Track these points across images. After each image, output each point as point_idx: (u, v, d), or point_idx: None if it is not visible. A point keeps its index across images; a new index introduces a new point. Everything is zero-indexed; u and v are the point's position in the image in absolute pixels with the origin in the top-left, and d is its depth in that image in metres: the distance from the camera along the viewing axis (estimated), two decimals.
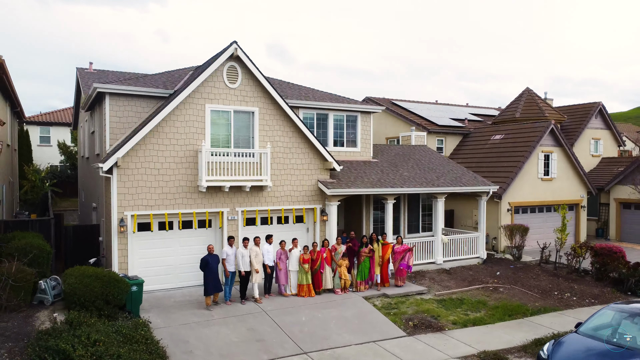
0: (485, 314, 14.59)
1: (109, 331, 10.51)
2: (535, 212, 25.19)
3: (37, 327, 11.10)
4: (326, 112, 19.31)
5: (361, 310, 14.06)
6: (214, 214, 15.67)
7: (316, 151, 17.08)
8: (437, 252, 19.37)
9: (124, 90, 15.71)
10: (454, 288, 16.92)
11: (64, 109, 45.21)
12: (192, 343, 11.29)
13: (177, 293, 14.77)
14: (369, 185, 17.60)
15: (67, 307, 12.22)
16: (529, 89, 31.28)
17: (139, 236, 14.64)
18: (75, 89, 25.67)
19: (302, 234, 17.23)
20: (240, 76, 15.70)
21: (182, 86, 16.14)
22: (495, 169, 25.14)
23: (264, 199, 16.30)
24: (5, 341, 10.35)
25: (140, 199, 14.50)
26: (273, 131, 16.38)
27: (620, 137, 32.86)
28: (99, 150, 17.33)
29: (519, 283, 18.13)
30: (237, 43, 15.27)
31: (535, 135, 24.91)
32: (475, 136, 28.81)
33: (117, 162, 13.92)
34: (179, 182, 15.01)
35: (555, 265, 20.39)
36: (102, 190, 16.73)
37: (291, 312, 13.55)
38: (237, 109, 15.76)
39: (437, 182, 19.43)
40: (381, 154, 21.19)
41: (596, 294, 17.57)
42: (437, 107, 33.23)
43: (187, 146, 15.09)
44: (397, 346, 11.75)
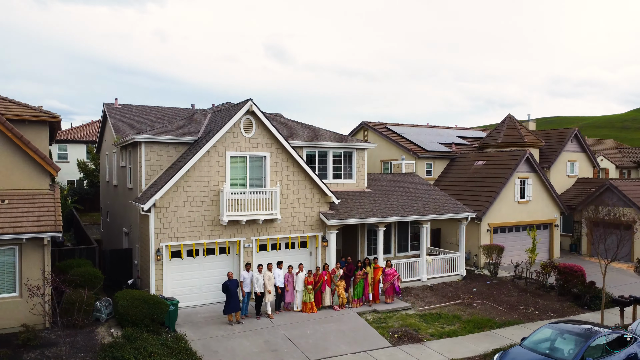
0: (458, 327, 17.60)
1: (158, 344, 13.52)
2: (513, 232, 28.22)
3: (99, 341, 14.10)
4: (326, 150, 22.33)
5: (355, 324, 17.08)
6: (233, 242, 18.69)
7: (318, 187, 20.09)
8: (422, 271, 22.39)
9: (156, 139, 18.71)
10: (434, 304, 19.94)
11: (80, 126, 48.30)
12: (221, 353, 14.28)
13: (202, 310, 17.77)
14: (363, 215, 20.63)
15: (119, 324, 15.22)
16: (511, 116, 34.33)
17: (172, 262, 17.65)
18: (101, 120, 28.66)
19: (306, 258, 20.25)
20: (254, 127, 18.71)
21: (204, 134, 19.17)
22: (477, 192, 28.16)
23: (274, 229, 19.32)
24: (77, 352, 13.35)
25: (173, 232, 17.51)
26: (281, 171, 19.40)
27: (594, 158, 35.90)
28: (132, 185, 20.32)
29: (491, 298, 21.16)
30: (252, 100, 18.29)
31: (513, 163, 27.95)
32: (460, 161, 31.83)
33: (155, 203, 16.93)
34: (204, 217, 18.02)
35: (526, 281, 23.43)
36: (136, 220, 19.73)
37: (298, 326, 16.56)
38: (251, 154, 18.79)
39: (422, 210, 22.45)
40: (374, 184, 24.20)
41: (557, 308, 20.62)
42: (428, 131, 36.25)
43: (211, 186, 18.10)
44: (383, 355, 14.75)
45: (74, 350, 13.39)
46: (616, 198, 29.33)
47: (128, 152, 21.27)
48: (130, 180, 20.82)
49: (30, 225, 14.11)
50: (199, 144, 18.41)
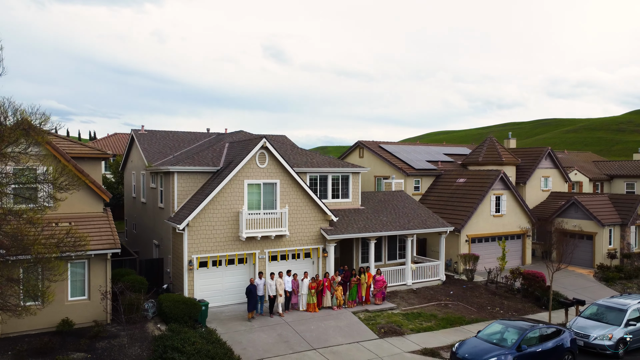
0: (434, 323, 21.61)
1: (196, 336, 17.50)
2: (489, 242, 32.22)
3: (150, 333, 18.09)
4: (326, 174, 26.35)
5: (350, 321, 21.08)
6: (250, 254, 22.68)
7: (319, 208, 24.09)
8: (408, 277, 26.41)
9: (186, 169, 22.71)
10: (416, 305, 23.97)
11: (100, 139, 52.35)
12: (245, 343, 18.26)
13: (225, 309, 21.75)
14: (357, 231, 24.66)
15: (163, 321, 19.21)
16: (491, 137, 38.39)
17: (200, 271, 21.64)
18: (128, 143, 32.63)
19: (310, 266, 24.25)
20: (267, 159, 22.72)
21: (225, 164, 23.18)
22: (458, 206, 32.19)
23: (283, 242, 23.31)
24: (135, 342, 17.33)
25: (201, 246, 21.50)
26: (289, 195, 23.40)
27: (566, 174, 39.97)
28: (164, 205, 24.30)
29: (464, 300, 25.19)
30: (266, 138, 22.32)
31: (489, 181, 31.99)
32: (444, 178, 35.86)
33: (188, 223, 20.92)
34: (226, 234, 22.01)
35: (496, 285, 27.46)
36: (168, 235, 23.72)
37: (304, 323, 20.55)
38: (265, 181, 22.79)
39: (407, 225, 26.48)
40: (368, 202, 28.20)
41: (519, 308, 24.67)
42: (417, 149, 40.29)
43: (232, 208, 22.09)
44: (371, 345, 18.75)
45: (132, 341, 17.38)
46: (580, 212, 33.40)
47: (159, 177, 25.25)
48: (162, 201, 24.80)
49: (95, 243, 18.09)
50: (221, 174, 22.41)
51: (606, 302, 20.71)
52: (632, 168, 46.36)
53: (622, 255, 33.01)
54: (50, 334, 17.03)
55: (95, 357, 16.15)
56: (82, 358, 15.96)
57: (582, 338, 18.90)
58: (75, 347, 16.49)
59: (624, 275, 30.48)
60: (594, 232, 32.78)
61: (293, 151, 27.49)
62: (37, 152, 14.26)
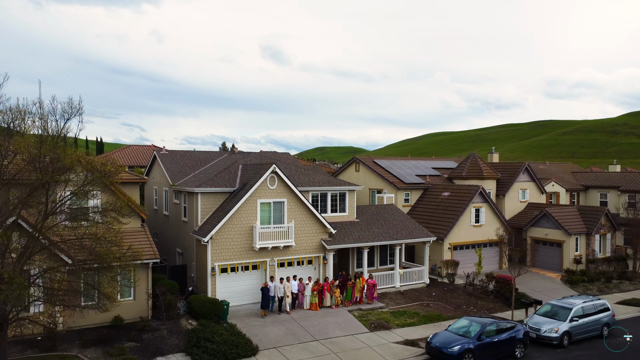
0: (416, 320, 25.84)
1: (221, 329, 21.70)
2: (469, 249, 36.47)
3: (184, 328, 22.31)
4: (326, 192, 30.60)
5: (346, 318, 25.32)
6: (262, 261, 26.91)
7: (320, 222, 28.32)
8: (396, 280, 30.65)
9: (208, 190, 26.93)
10: (402, 304, 28.23)
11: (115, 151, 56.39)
12: (260, 335, 22.47)
13: (242, 308, 25.97)
14: (352, 241, 28.92)
15: (192, 317, 23.42)
16: (474, 154, 42.68)
17: (221, 276, 25.87)
18: (150, 162, 36.81)
19: (312, 271, 28.49)
20: (276, 182, 26.96)
21: (241, 186, 27.40)
22: (442, 217, 36.43)
23: (290, 251, 27.55)
24: (172, 334, 21.55)
25: (222, 255, 25.72)
26: (295, 211, 27.63)
27: (542, 186, 44.27)
28: (188, 220, 28.50)
29: (444, 300, 29.45)
30: (276, 164, 26.55)
31: (469, 195, 36.25)
32: (431, 191, 40.12)
33: (212, 236, 25.15)
34: (242, 245, 26.24)
35: (473, 288, 31.72)
36: (191, 246, 27.93)
37: (307, 319, 24.78)
38: (274, 200, 27.03)
39: (396, 236, 30.75)
40: (362, 214, 32.42)
41: (490, 307, 28.92)
42: (407, 164, 44.54)
43: (247, 223, 26.31)
44: (363, 337, 22.99)
45: (170, 333, 21.62)
46: (551, 222, 37.70)
47: (182, 195, 29.45)
48: (185, 215, 29.02)
49: (142, 254, 22.28)
50: (238, 194, 26.65)
51: (557, 302, 25.00)
52: (605, 179, 50.67)
53: (587, 260, 37.31)
54: (106, 328, 21.24)
55: (143, 346, 20.39)
56: (134, 346, 20.19)
57: (535, 331, 23.17)
58: (127, 338, 20.74)
59: (587, 279, 34.75)
60: (562, 240, 37.07)
61: (297, 171, 31.70)
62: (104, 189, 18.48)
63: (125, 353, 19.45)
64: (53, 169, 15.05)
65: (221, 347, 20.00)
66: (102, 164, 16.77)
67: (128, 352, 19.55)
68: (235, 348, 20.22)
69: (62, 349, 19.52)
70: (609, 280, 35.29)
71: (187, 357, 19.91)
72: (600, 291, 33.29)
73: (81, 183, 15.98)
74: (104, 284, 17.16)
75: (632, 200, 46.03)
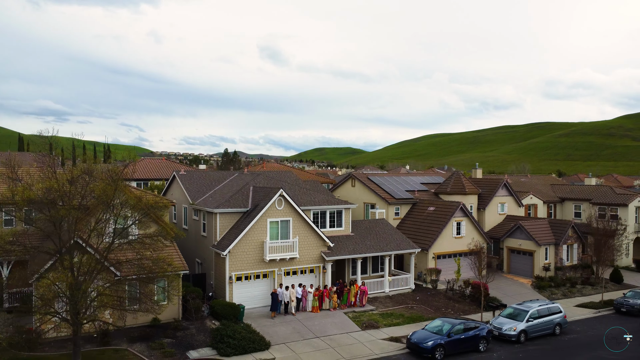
0: (401, 320, 30.71)
1: (239, 328, 26.54)
2: (451, 258, 41.33)
3: (208, 327, 27.16)
4: (325, 210, 35.47)
5: (342, 319, 30.19)
6: (271, 271, 31.77)
7: (320, 237, 33.19)
8: (385, 286, 35.53)
9: (225, 211, 31.78)
10: (390, 307, 33.10)
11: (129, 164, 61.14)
12: (271, 333, 27.31)
13: (254, 310, 30.80)
14: (347, 253, 33.81)
15: (215, 318, 28.26)
16: (457, 172, 47.62)
17: (237, 283, 30.73)
18: (170, 181, 41.62)
19: (313, 279, 33.35)
20: (283, 203, 31.84)
21: (253, 206, 32.24)
22: (428, 230, 41.29)
23: (295, 262, 32.40)
24: (200, 332, 26.40)
25: (237, 266, 30.58)
26: (299, 228, 32.49)
27: (519, 200, 49.18)
28: (207, 235, 33.33)
29: (426, 304, 34.33)
30: (283, 189, 31.41)
31: (451, 210, 41.13)
32: (419, 205, 45.00)
33: (229, 250, 30.02)
34: (254, 257, 31.09)
35: (453, 292, 36.59)
36: (210, 257, 32.77)
37: (310, 320, 29.64)
38: (281, 219, 31.91)
39: (385, 247, 35.64)
40: (356, 229, 37.27)
41: (465, 309, 33.80)
42: (398, 180, 49.42)
43: (258, 239, 31.17)
44: (356, 334, 27.86)
45: (198, 332, 26.48)
46: (524, 233, 42.61)
47: (202, 213, 34.29)
48: (204, 231, 33.87)
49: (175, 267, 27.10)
50: (250, 214, 31.52)
51: (518, 305, 29.91)
52: (579, 192, 55.60)
53: (555, 268, 42.24)
54: (146, 327, 26.05)
55: (177, 341, 25.26)
56: (170, 342, 25.05)
57: (497, 330, 28.07)
58: (164, 335, 25.58)
59: (553, 284, 39.66)
60: (534, 250, 41.99)
61: (300, 191, 36.55)
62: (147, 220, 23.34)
63: (164, 347, 24.31)
64: (121, 206, 19.93)
65: (241, 343, 24.86)
66: (155, 202, 21.62)
67: (166, 346, 24.41)
68: (252, 343, 25.09)
69: (114, 344, 24.37)
70: (573, 285, 40.22)
71: (213, 350, 24.76)
72: (564, 295, 38.21)
73: (139, 216, 20.85)
74: (154, 293, 21.97)
75: (602, 212, 50.98)
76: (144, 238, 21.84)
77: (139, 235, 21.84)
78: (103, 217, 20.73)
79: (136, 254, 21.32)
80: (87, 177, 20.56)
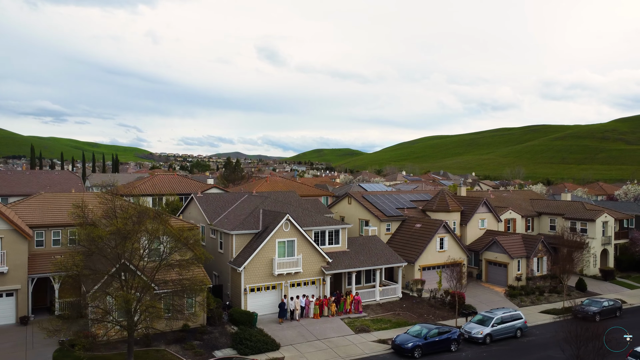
0: (389, 325, 36.46)
1: (254, 332, 32.27)
2: (435, 269, 47.11)
3: (228, 331, 32.90)
4: (324, 229, 41.24)
5: (339, 324, 35.95)
6: (278, 283, 37.52)
7: (320, 254, 38.95)
8: (376, 295, 41.30)
9: (240, 232, 37.53)
10: (380, 313, 38.86)
11: (145, 180, 66.71)
12: (279, 336, 33.04)
13: (265, 317, 36.51)
14: (344, 267, 39.59)
15: (233, 324, 33.97)
16: (443, 191, 53.39)
17: (250, 294, 36.47)
18: (188, 201, 47.33)
19: (315, 290, 39.11)
20: (289, 226, 37.60)
21: (263, 228, 37.98)
22: (415, 245, 47.04)
23: (299, 276, 38.15)
24: (221, 336, 32.15)
25: (251, 279, 36.31)
26: (302, 247, 38.24)
27: (498, 216, 54.99)
28: (224, 252, 39.06)
29: (411, 311, 40.08)
30: (289, 215, 37.15)
31: (435, 228, 46.90)
32: (407, 222, 50.76)
33: (245, 266, 35.77)
34: (265, 272, 36.83)
35: (435, 301, 42.34)
36: (227, 271, 38.49)
37: (312, 325, 35.38)
38: (288, 239, 37.66)
39: (377, 262, 41.42)
40: (352, 245, 43.00)
41: (445, 315, 39.56)
42: (390, 197, 55.20)
43: (268, 256, 36.90)
44: (350, 337, 33.62)
45: (220, 335, 32.21)
46: (499, 247, 48.41)
47: (219, 233, 40.02)
48: (221, 248, 39.60)
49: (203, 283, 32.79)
50: (261, 235, 37.28)
51: (486, 312, 35.68)
52: (554, 207, 61.42)
53: (526, 278, 48.03)
54: (179, 332, 31.73)
55: (204, 343, 30.99)
56: (198, 344, 30.78)
57: (467, 333, 33.83)
58: (193, 338, 31.31)
59: (524, 293, 45.43)
60: (507, 262, 47.81)
61: (303, 213, 42.28)
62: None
63: (194, 348, 30.05)
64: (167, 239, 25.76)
65: (256, 344, 30.59)
66: (194, 235, 27.43)
67: (196, 347, 30.15)
68: (265, 345, 30.83)
69: (154, 345, 30.09)
70: (541, 293, 46.00)
71: (234, 350, 30.50)
72: (532, 302, 43.99)
73: (180, 246, 26.67)
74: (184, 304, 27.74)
75: (574, 226, 56.83)
76: (182, 261, 27.59)
77: (179, 260, 27.56)
78: (151, 246, 26.47)
79: (178, 275, 27.04)
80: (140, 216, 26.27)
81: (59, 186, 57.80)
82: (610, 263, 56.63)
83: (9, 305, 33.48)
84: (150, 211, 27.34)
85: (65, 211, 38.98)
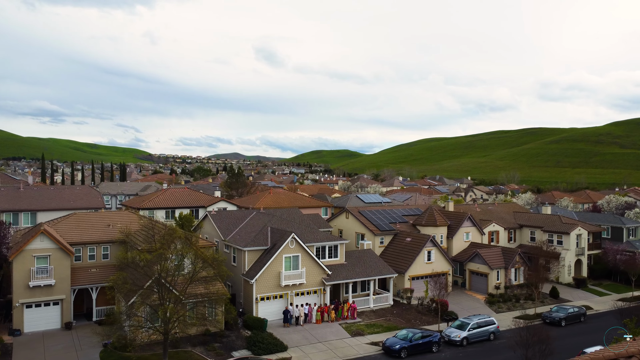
0: (381, 329, 42.15)
1: (265, 335, 37.94)
2: (423, 279, 52.78)
3: (243, 335, 38.59)
4: (325, 244, 46.93)
5: (337, 329, 41.64)
6: (285, 293, 43.20)
7: (321, 267, 44.63)
8: (370, 302, 47.01)
9: (251, 249, 43.21)
10: (373, 319, 44.57)
11: (159, 194, 72.33)
12: (287, 339, 38.71)
13: (273, 322, 42.16)
14: (342, 278, 45.30)
15: (247, 329, 39.62)
16: (432, 207, 59.13)
17: (261, 302, 42.15)
18: (202, 218, 52.97)
19: (316, 299, 44.80)
20: (294, 243, 43.30)
21: (272, 245, 43.67)
22: (405, 257, 52.73)
23: (303, 286, 43.82)
24: (237, 339, 37.83)
25: (261, 290, 41.97)
26: (305, 261, 43.92)
27: (481, 229, 60.73)
28: (237, 265, 44.72)
29: (401, 316, 45.79)
30: (294, 233, 42.84)
31: (423, 242, 52.63)
32: (399, 236, 56.47)
33: (256, 279, 41.45)
34: (273, 283, 42.50)
35: (422, 307, 48.04)
36: (239, 281, 44.15)
37: (314, 329, 41.06)
38: (293, 254, 43.34)
39: (370, 273, 47.13)
40: (349, 258, 48.67)
41: (430, 321, 45.27)
42: (384, 212, 60.90)
43: (276, 270, 42.58)
44: (347, 340, 39.32)
45: (236, 338, 37.88)
46: (481, 259, 54.16)
47: (232, 248, 45.68)
48: (234, 262, 45.27)
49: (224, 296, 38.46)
50: (270, 251, 42.97)
51: (464, 318, 41.39)
52: (535, 220, 67.18)
53: (505, 287, 53.77)
54: (202, 335, 37.35)
55: (223, 345, 36.67)
56: (219, 345, 36.45)
57: (447, 337, 39.54)
58: (214, 341, 36.96)
59: (502, 300, 51.15)
60: (487, 272, 53.56)
61: (306, 229, 47.96)
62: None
63: (215, 349, 35.73)
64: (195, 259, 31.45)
65: (267, 346, 36.25)
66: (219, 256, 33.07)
67: (217, 349, 35.83)
68: (275, 346, 36.51)
69: (182, 347, 35.75)
70: (517, 300, 51.72)
71: (249, 352, 36.17)
72: (508, 309, 49.70)
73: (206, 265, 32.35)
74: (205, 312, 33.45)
75: (551, 238, 62.60)
76: (207, 278, 33.29)
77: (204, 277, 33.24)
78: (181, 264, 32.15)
79: (205, 289, 32.75)
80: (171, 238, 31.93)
81: (82, 201, 63.26)
82: (584, 272, 62.36)
83: (56, 312, 39.12)
84: (179, 233, 32.97)
85: (98, 229, 44.75)
